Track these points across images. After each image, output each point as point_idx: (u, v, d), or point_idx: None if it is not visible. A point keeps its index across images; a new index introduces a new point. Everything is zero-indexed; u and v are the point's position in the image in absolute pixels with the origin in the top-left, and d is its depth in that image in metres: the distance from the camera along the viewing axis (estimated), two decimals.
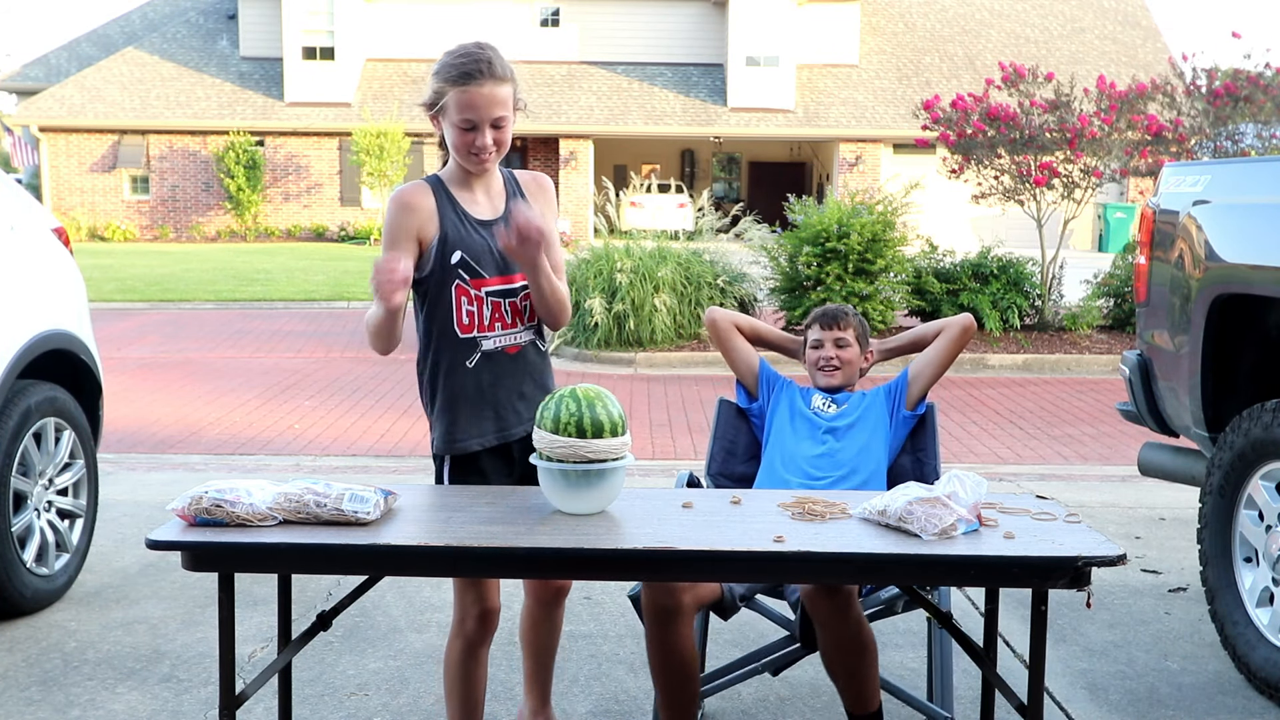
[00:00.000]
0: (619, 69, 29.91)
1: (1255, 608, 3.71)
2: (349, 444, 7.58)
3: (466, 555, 2.26)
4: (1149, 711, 3.51)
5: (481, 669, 2.84)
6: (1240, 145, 11.60)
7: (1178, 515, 5.72)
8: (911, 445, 3.41)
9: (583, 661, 3.85)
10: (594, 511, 2.46)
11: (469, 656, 2.81)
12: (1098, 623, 4.26)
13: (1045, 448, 7.74)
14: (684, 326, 11.49)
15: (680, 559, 2.27)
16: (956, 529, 2.29)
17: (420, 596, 4.40)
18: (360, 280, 18.18)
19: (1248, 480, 3.75)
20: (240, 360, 11.17)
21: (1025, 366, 11.15)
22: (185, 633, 4.06)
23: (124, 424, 7.92)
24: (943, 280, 11.90)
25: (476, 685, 2.82)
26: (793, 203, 12.16)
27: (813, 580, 2.63)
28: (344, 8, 28.68)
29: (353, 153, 27.30)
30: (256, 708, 3.38)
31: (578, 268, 11.74)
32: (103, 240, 27.90)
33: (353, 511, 2.32)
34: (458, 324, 2.75)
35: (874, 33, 31.11)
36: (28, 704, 3.46)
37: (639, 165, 30.17)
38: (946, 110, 12.20)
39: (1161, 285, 4.32)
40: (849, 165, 28.33)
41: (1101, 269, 12.75)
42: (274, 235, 28.80)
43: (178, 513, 2.31)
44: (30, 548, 4.18)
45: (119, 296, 15.84)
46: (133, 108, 28.23)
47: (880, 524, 2.38)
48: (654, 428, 8.25)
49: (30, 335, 4.22)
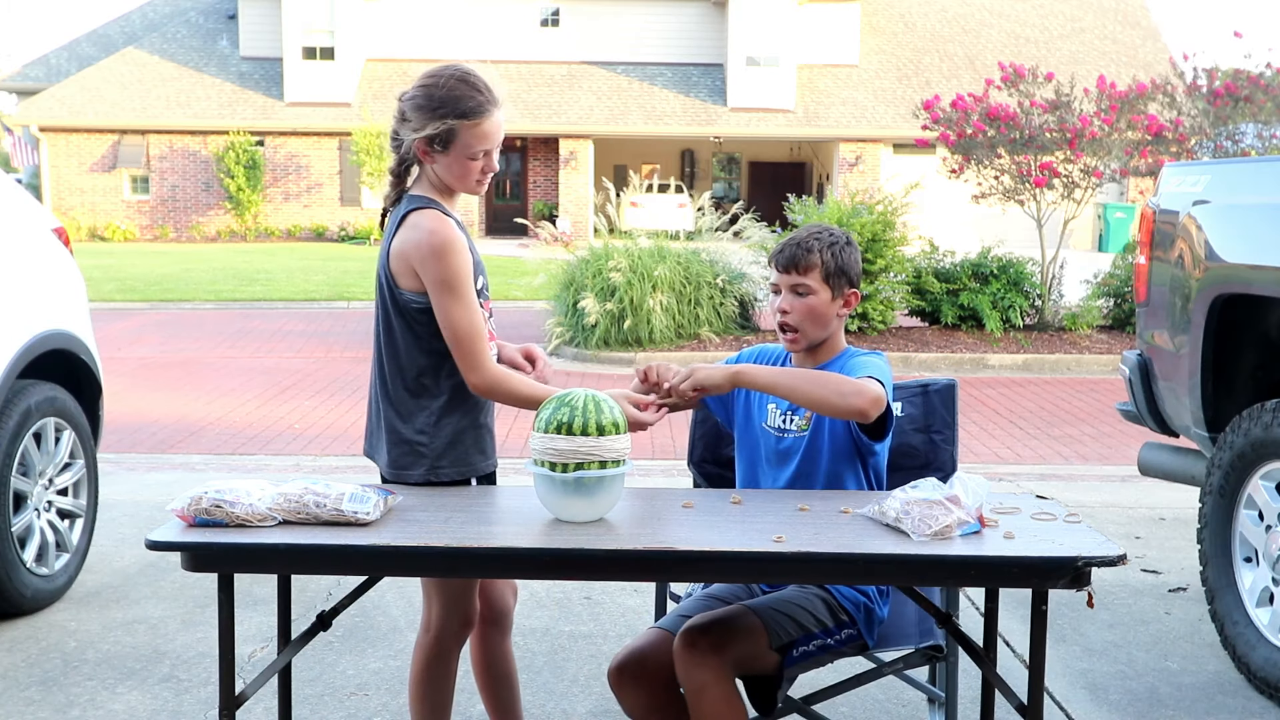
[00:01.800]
0: (619, 69, 29.91)
1: (1255, 608, 3.71)
2: (349, 444, 7.58)
3: (466, 555, 2.26)
4: (1149, 711, 3.51)
5: (455, 669, 2.81)
6: (1240, 145, 11.60)
7: (1178, 515, 5.71)
8: (926, 424, 3.00)
9: (583, 661, 3.85)
10: (594, 518, 2.41)
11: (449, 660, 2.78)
12: (1098, 623, 4.26)
13: (1045, 448, 7.74)
14: (684, 326, 11.49)
15: (680, 559, 2.27)
16: (953, 531, 2.28)
17: (420, 596, 4.40)
18: (360, 280, 18.17)
19: (1248, 480, 3.75)
20: (240, 360, 11.17)
21: (1025, 366, 11.15)
22: (185, 633, 4.06)
23: (124, 424, 7.92)
24: (943, 280, 11.91)
25: (449, 686, 2.80)
26: (793, 203, 12.16)
27: (812, 580, 2.62)
28: (344, 8, 28.68)
29: (353, 153, 27.31)
30: (256, 708, 3.37)
31: (576, 267, 11.74)
32: (103, 240, 27.90)
33: (352, 512, 2.32)
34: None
35: (874, 33, 31.11)
36: (28, 704, 3.46)
37: (639, 165, 30.11)
38: (946, 110, 12.20)
39: (1161, 285, 4.32)
40: (849, 165, 28.33)
41: (1101, 269, 12.75)
42: (274, 235, 28.81)
43: (177, 513, 2.31)
44: (30, 548, 4.18)
45: (119, 296, 15.84)
46: (133, 108, 28.23)
47: (880, 523, 2.38)
48: (654, 427, 8.24)
49: (30, 335, 4.22)
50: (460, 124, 2.56)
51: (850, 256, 2.76)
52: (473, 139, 2.58)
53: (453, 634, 2.76)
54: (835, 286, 2.73)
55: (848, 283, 2.75)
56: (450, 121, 2.56)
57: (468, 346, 2.57)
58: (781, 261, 2.76)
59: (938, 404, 3.01)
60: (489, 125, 2.59)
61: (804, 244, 2.74)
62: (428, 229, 2.57)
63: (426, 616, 2.77)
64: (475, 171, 2.62)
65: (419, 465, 2.65)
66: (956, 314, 11.79)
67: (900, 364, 11.03)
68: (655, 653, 2.62)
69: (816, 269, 2.72)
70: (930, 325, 12.08)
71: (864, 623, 2.73)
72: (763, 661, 2.58)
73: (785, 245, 2.77)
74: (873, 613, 2.74)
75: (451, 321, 2.56)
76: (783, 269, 2.75)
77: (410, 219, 2.60)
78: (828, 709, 3.25)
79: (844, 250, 2.76)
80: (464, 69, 2.61)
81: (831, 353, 2.79)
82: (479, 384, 2.60)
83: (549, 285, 12.08)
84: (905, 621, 2.92)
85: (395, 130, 2.67)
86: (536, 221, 20.19)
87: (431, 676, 2.77)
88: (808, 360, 2.81)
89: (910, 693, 3.57)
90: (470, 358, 2.58)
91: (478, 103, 2.57)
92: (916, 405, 3.03)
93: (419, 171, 2.70)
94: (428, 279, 2.57)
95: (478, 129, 2.58)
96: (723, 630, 2.55)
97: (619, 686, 2.65)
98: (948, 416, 3.00)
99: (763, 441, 2.84)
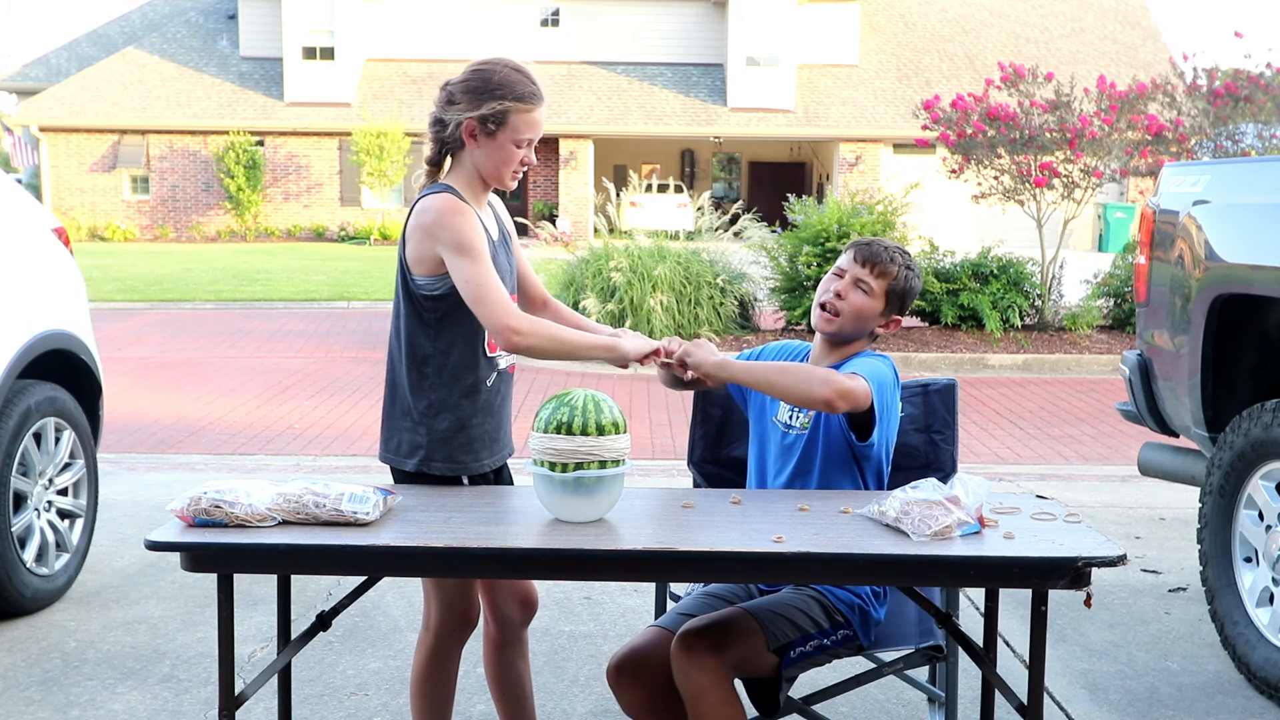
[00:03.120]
0: (619, 69, 29.91)
1: (1255, 608, 3.71)
2: (349, 444, 7.58)
3: (466, 555, 2.26)
4: (1149, 711, 3.51)
5: (455, 669, 2.80)
6: (1240, 145, 11.60)
7: (1178, 515, 5.71)
8: (927, 424, 3.01)
9: (583, 661, 3.84)
10: (593, 518, 2.41)
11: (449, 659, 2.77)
12: (1098, 623, 4.26)
13: (1045, 448, 7.74)
14: (684, 326, 11.49)
15: (680, 559, 2.27)
16: (953, 531, 2.28)
17: (420, 596, 4.39)
18: (360, 280, 18.18)
19: (1248, 480, 3.75)
20: (240, 360, 11.17)
21: (1025, 366, 11.15)
22: (185, 633, 4.06)
23: (124, 424, 7.92)
24: (943, 280, 11.91)
25: (449, 685, 2.79)
26: (793, 203, 12.16)
27: (812, 580, 2.62)
28: (344, 8, 28.67)
29: (353, 153, 27.31)
30: (256, 708, 3.37)
31: (576, 267, 11.74)
32: (103, 240, 27.90)
33: (352, 512, 2.32)
34: (487, 344, 2.67)
35: (874, 33, 31.11)
36: (28, 704, 3.46)
37: (639, 165, 30.13)
38: (946, 110, 12.20)
39: (1161, 285, 4.32)
40: (849, 165, 28.32)
41: (1101, 269, 12.75)
42: (274, 235, 28.80)
43: (177, 513, 2.31)
44: (30, 548, 4.18)
45: (119, 296, 15.84)
46: (133, 108, 28.23)
47: (880, 523, 2.38)
48: (654, 427, 8.25)
49: (30, 335, 4.22)
50: (514, 106, 2.61)
51: (916, 287, 2.83)
52: (522, 124, 2.63)
53: (451, 633, 2.75)
54: (891, 303, 2.79)
55: (900, 306, 2.82)
56: (507, 103, 2.60)
57: (489, 300, 2.55)
58: (863, 254, 2.78)
59: (938, 404, 3.01)
60: (539, 114, 2.65)
61: (890, 251, 2.80)
62: (436, 207, 2.61)
63: (427, 615, 2.78)
64: (515, 160, 2.65)
65: (414, 455, 2.68)
66: (956, 314, 11.79)
67: (900, 364, 11.00)
68: (654, 651, 2.62)
69: (888, 278, 2.77)
70: (930, 325, 12.08)
71: (859, 624, 2.73)
72: (761, 663, 2.58)
73: (874, 242, 2.82)
74: (868, 614, 2.75)
75: (466, 278, 2.55)
76: (860, 261, 2.78)
77: (422, 203, 2.64)
78: (828, 709, 3.25)
79: (915, 279, 2.83)
80: (515, 61, 2.67)
81: (847, 355, 2.82)
82: (513, 333, 2.54)
83: (549, 285, 12.09)
84: (905, 622, 2.92)
85: (438, 116, 2.67)
86: (536, 221, 20.20)
87: (431, 675, 2.76)
88: (829, 353, 2.83)
89: (910, 693, 3.57)
90: (494, 310, 2.54)
91: (531, 90, 2.63)
92: (917, 405, 3.03)
93: (452, 164, 2.72)
94: (443, 249, 2.57)
95: (529, 115, 2.63)
96: (720, 632, 2.55)
97: (618, 685, 2.65)
98: (948, 416, 3.00)
99: (772, 435, 2.86)
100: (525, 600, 2.87)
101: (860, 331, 2.79)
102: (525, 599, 2.87)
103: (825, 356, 2.84)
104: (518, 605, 2.85)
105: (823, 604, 2.70)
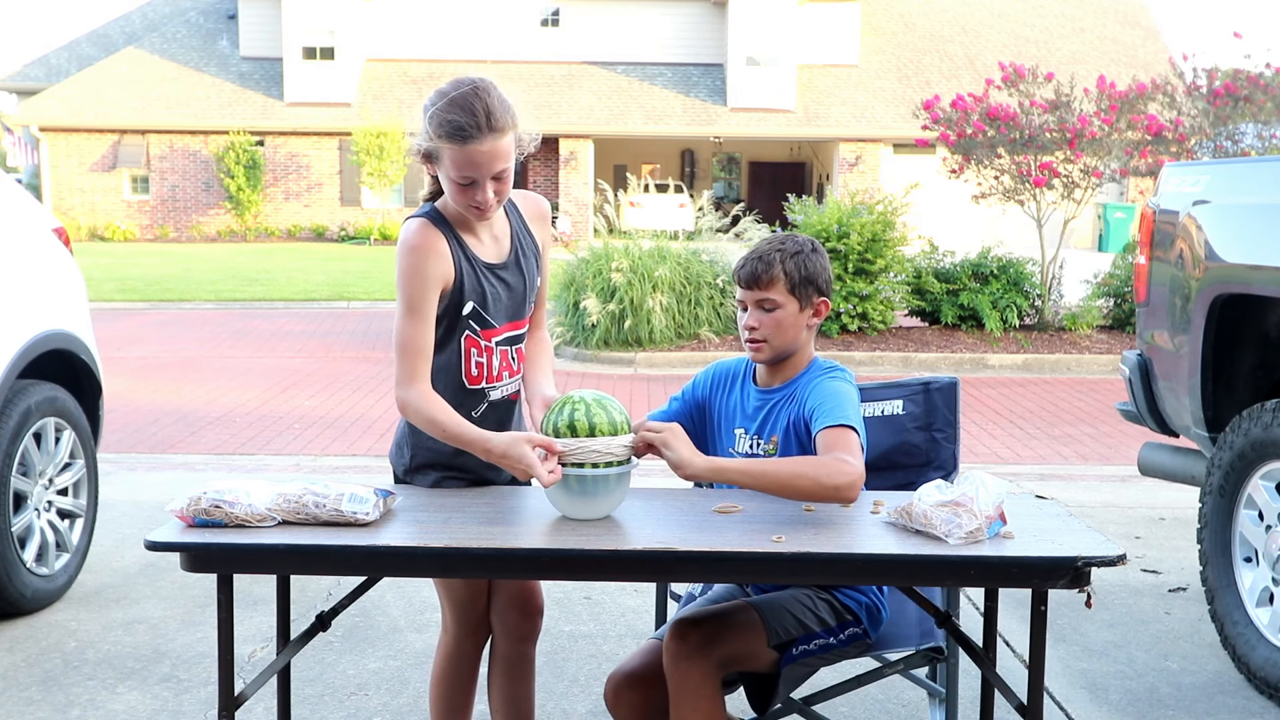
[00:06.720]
0: (619, 69, 29.91)
1: (1255, 608, 3.71)
2: (349, 444, 7.58)
3: (466, 555, 2.26)
4: (1149, 711, 3.51)
5: (473, 673, 2.80)
6: (1240, 145, 11.60)
7: (1178, 515, 5.72)
8: (928, 422, 2.95)
9: (583, 661, 3.85)
10: (600, 516, 2.42)
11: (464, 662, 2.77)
12: (1098, 623, 4.26)
13: (1045, 448, 7.74)
14: (684, 326, 11.49)
15: (680, 559, 2.27)
16: (984, 532, 2.26)
17: (420, 596, 4.40)
18: (360, 280, 18.18)
19: (1248, 480, 3.75)
20: (240, 360, 11.17)
21: (1025, 366, 11.15)
22: (185, 633, 4.06)
23: (124, 424, 7.92)
24: (943, 280, 11.92)
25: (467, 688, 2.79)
26: (793, 203, 12.17)
27: (812, 580, 2.62)
28: (344, 8, 28.68)
29: (353, 153, 27.32)
30: (256, 708, 3.38)
31: (576, 268, 11.74)
32: (103, 240, 27.90)
33: (352, 512, 2.32)
34: (466, 375, 2.59)
35: (874, 33, 31.11)
36: (28, 704, 3.46)
37: (639, 165, 30.14)
38: (946, 110, 12.20)
39: (1161, 285, 4.32)
40: (849, 165, 28.32)
41: (1101, 269, 12.75)
42: (274, 235, 28.81)
43: (176, 514, 2.30)
44: (30, 548, 4.18)
45: (119, 296, 15.84)
46: (133, 108, 28.23)
47: (903, 526, 2.33)
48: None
49: (30, 335, 4.22)
50: (444, 146, 2.42)
51: (816, 264, 2.63)
52: (454, 163, 2.42)
53: (465, 636, 2.75)
54: (802, 297, 2.61)
55: (816, 291, 2.63)
56: (437, 142, 2.42)
57: (401, 360, 2.52)
58: (744, 278, 2.62)
59: (939, 402, 2.97)
60: (474, 152, 2.39)
61: (765, 258, 2.61)
62: (403, 238, 2.53)
63: (444, 617, 2.80)
64: (469, 198, 2.46)
65: (400, 461, 2.71)
66: (956, 314, 11.79)
67: (900, 364, 11.04)
68: (651, 671, 2.58)
69: (780, 282, 2.59)
70: (930, 325, 12.08)
71: (869, 621, 2.71)
72: (758, 659, 2.56)
73: (746, 260, 2.64)
74: (876, 611, 2.73)
75: (396, 331, 2.54)
76: (745, 285, 2.62)
77: (402, 227, 2.57)
78: (828, 709, 3.25)
79: (809, 259, 2.63)
80: (481, 87, 2.43)
81: (797, 367, 2.67)
82: (399, 398, 2.53)
83: (549, 285, 12.06)
84: (905, 622, 2.92)
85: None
86: None
87: (448, 677, 2.77)
88: (773, 374, 2.69)
89: (910, 692, 3.57)
90: (401, 370, 2.52)
91: (459, 126, 2.38)
92: (918, 403, 2.99)
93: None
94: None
95: (461, 154, 2.40)
96: (716, 625, 2.53)
97: (616, 707, 2.61)
98: (949, 414, 2.95)
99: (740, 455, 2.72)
100: (525, 606, 2.79)
101: (794, 342, 2.63)
102: (525, 604, 2.79)
103: (772, 374, 2.70)
104: (516, 610, 2.79)
105: (830, 603, 2.67)
